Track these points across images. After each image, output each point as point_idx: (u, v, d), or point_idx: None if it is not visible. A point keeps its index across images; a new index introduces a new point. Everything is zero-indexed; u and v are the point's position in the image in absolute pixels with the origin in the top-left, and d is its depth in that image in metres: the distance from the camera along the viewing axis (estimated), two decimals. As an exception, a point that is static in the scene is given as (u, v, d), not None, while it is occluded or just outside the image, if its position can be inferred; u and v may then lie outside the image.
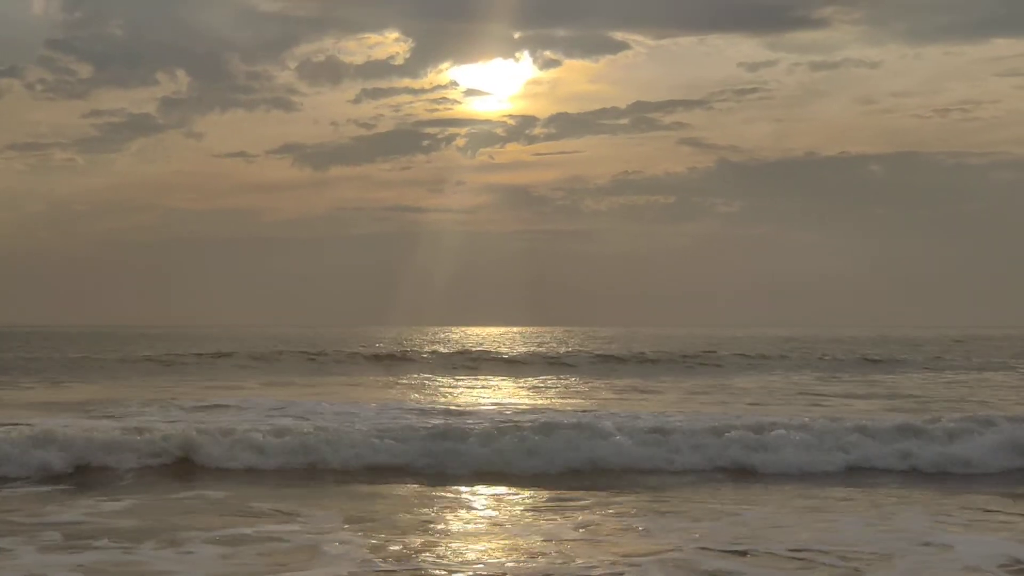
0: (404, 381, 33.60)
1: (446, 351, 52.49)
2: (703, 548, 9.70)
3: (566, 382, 33.58)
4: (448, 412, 20.61)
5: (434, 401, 24.38)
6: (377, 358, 45.29)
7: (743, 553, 9.53)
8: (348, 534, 10.31)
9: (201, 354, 44.13)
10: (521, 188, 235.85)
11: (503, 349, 58.40)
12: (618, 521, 10.99)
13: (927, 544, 9.96)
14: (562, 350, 57.15)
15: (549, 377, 36.11)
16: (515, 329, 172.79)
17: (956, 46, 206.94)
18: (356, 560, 9.23)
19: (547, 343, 76.61)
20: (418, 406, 22.14)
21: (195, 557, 9.39)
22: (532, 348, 62.49)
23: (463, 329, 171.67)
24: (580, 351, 54.64)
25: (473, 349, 55.60)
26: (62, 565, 9.11)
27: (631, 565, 8.96)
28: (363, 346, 60.16)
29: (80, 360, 41.54)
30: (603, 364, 42.91)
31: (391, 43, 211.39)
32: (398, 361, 44.29)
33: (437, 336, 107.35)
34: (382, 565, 9.06)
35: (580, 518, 11.16)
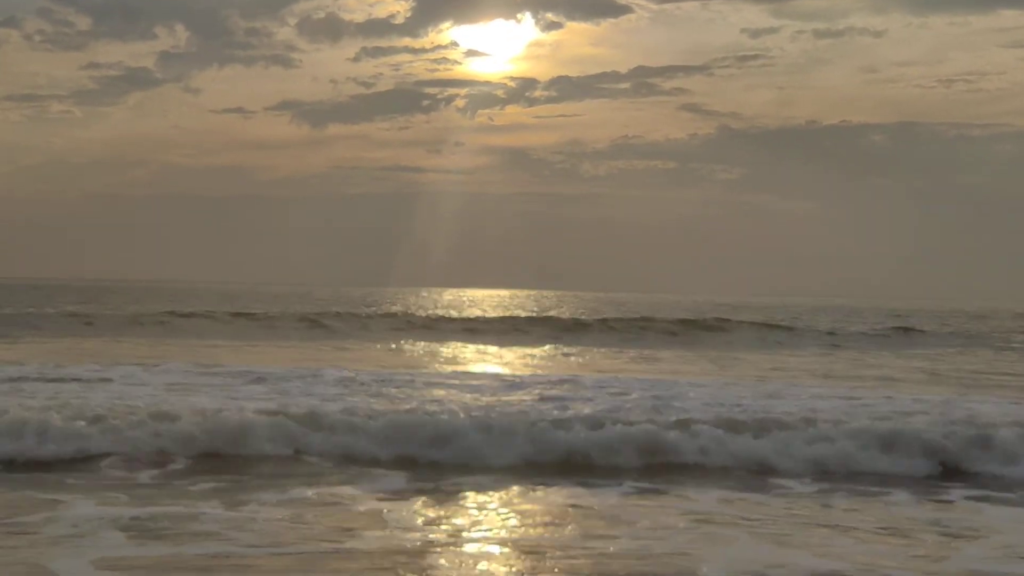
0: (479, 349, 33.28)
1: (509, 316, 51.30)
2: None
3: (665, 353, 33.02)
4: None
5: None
6: (406, 322, 43.79)
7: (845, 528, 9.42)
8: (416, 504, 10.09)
9: (239, 313, 42.87)
10: (520, 150, 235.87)
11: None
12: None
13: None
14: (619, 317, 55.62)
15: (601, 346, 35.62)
16: (512, 292, 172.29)
17: (961, 16, 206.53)
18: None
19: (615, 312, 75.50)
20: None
21: (256, 517, 9.17)
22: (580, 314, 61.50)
23: (461, 291, 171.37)
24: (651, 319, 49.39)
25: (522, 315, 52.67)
26: (114, 517, 8.94)
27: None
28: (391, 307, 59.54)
29: (105, 316, 40.75)
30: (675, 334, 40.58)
31: (392, 1, 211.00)
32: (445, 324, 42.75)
33: (458, 299, 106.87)
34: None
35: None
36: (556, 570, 7.62)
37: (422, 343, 33.92)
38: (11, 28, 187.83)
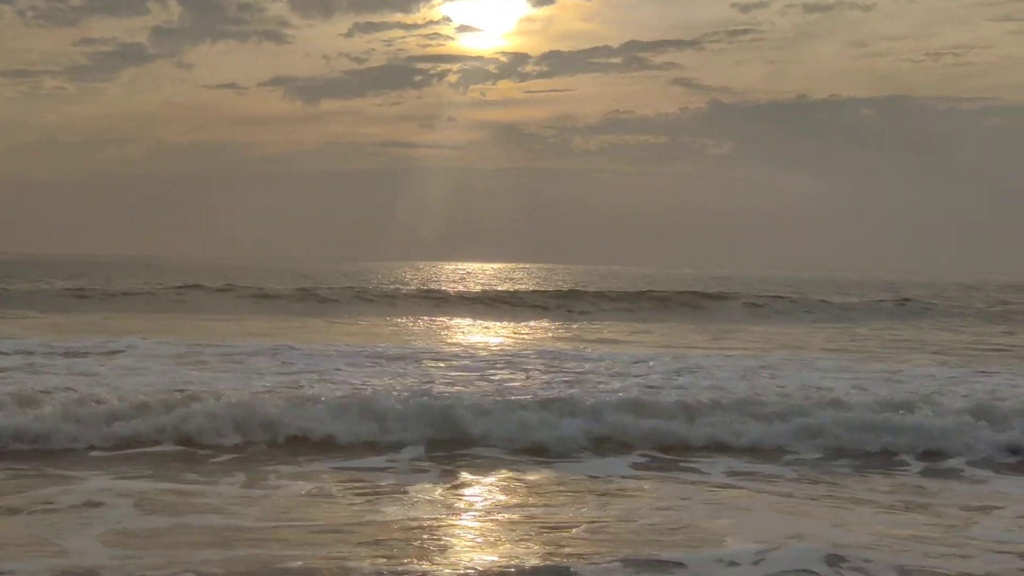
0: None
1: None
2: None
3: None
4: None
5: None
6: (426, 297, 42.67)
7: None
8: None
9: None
10: (512, 125, 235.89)
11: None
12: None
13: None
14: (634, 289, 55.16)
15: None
16: (507, 266, 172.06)
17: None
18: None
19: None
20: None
21: (272, 493, 9.18)
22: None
23: (455, 264, 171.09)
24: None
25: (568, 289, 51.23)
26: (122, 490, 8.99)
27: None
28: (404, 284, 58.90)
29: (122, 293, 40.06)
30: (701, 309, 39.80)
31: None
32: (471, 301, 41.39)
33: (455, 272, 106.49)
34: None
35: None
36: (581, 543, 7.64)
37: (423, 317, 33.75)
38: (5, 4, 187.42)
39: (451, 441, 11.59)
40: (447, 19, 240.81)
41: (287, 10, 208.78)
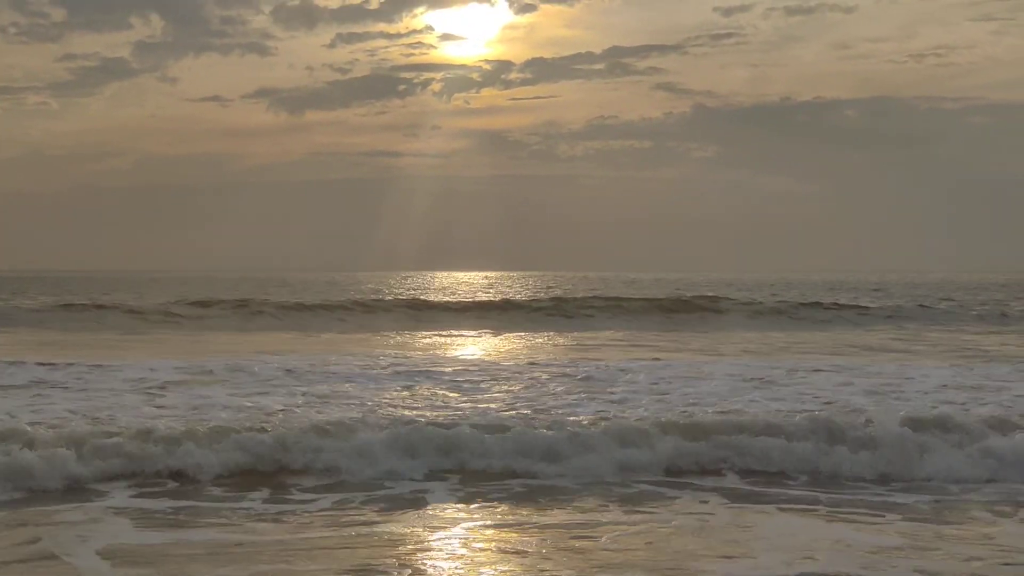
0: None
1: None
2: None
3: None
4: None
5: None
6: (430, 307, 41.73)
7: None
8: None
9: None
10: (496, 133, 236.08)
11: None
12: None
13: None
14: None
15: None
16: (498, 274, 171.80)
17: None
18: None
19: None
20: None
21: (292, 510, 9.05)
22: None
23: (447, 274, 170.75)
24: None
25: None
26: (134, 507, 8.87)
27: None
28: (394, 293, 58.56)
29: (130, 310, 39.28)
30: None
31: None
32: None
33: (449, 282, 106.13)
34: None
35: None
36: (612, 557, 7.53)
37: (421, 330, 33.37)
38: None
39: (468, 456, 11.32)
40: (430, 28, 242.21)
41: (270, 22, 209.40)
